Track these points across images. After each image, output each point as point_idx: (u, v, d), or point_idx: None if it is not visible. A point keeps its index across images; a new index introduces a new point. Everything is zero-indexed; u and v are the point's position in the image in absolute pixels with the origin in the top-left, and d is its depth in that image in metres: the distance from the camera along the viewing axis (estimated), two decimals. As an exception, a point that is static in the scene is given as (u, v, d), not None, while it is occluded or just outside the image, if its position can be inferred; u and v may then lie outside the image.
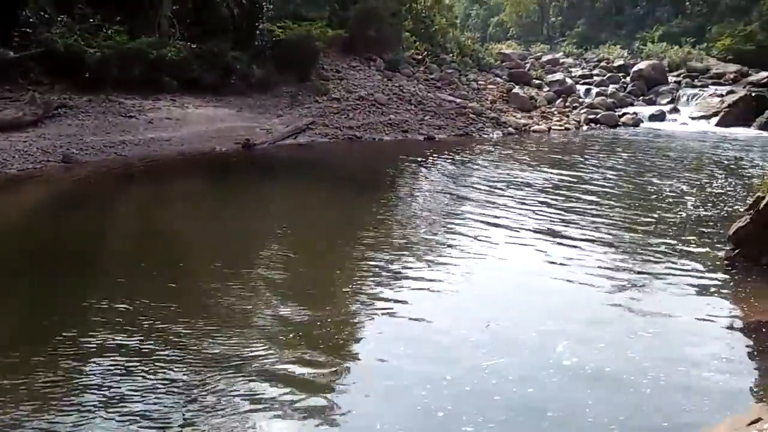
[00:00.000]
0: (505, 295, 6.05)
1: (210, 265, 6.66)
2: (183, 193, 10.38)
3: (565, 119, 20.41)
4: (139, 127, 13.27)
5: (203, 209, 9.42)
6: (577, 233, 7.92)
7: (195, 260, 6.97)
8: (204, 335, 4.91)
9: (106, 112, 13.66)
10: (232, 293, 5.76)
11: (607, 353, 4.78)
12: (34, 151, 10.91)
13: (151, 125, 13.53)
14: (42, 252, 7.03)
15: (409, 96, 19.06)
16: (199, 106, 15.48)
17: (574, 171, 12.54)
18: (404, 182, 11.80)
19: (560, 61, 32.94)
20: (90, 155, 11.40)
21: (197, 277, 6.31)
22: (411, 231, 8.10)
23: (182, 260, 6.94)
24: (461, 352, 4.79)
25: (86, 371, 4.38)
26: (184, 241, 7.81)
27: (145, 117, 13.93)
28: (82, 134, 12.25)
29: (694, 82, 26.55)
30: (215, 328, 5.04)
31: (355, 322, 5.36)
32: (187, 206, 9.61)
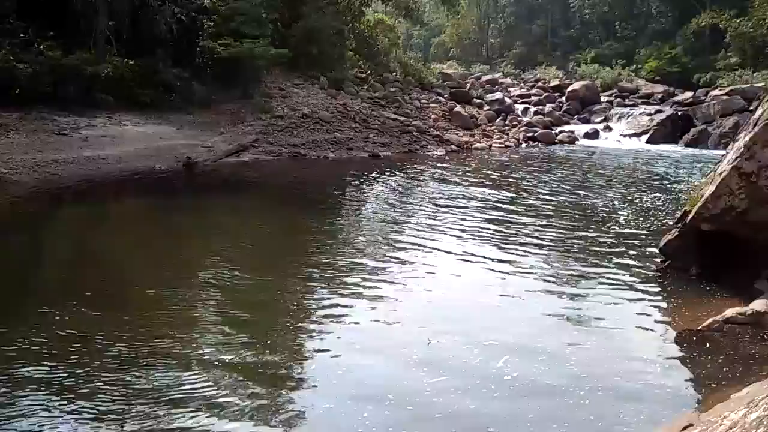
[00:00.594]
0: (448, 312, 6.05)
1: (146, 290, 6.39)
2: (120, 214, 10.05)
3: (505, 137, 20.99)
4: (73, 145, 12.78)
5: (141, 230, 9.11)
6: (517, 248, 8.11)
7: (131, 285, 6.68)
8: (139, 364, 4.72)
9: (38, 129, 13.10)
10: (170, 318, 5.57)
11: (546, 366, 4.87)
12: (-42, 171, 10.35)
13: (86, 143, 13.06)
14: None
15: (353, 114, 19.18)
16: (138, 124, 15.08)
17: (514, 187, 12.89)
18: (349, 200, 11.82)
19: (499, 81, 33.94)
20: (20, 174, 10.88)
21: (132, 304, 6.05)
22: (354, 249, 8.08)
23: (117, 286, 6.62)
24: (403, 372, 4.76)
25: (7, 407, 4.12)
26: (121, 265, 7.49)
27: (80, 135, 13.44)
28: (12, 153, 11.68)
29: (625, 101, 27.90)
30: (152, 357, 4.83)
31: (297, 345, 5.26)
32: (124, 228, 9.29)
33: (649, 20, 41.17)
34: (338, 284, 6.61)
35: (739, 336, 5.26)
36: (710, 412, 3.92)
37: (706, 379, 4.71)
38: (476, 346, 5.16)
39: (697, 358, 5.08)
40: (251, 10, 18.57)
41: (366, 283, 6.64)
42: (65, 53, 14.68)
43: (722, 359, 4.93)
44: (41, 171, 11.25)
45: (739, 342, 5.18)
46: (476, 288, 6.76)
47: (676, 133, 22.14)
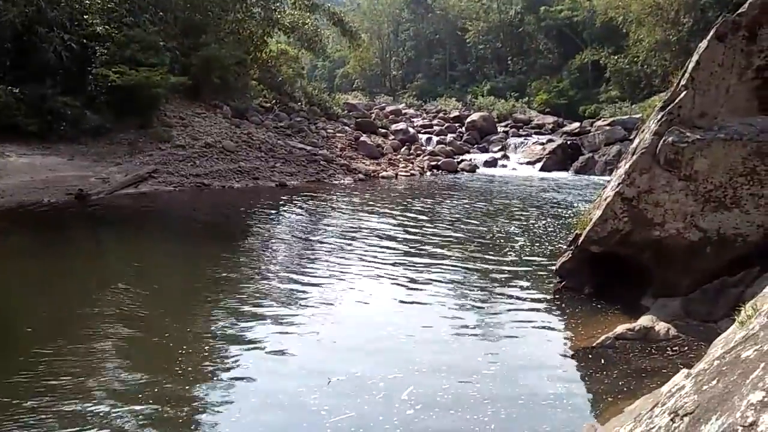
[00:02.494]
0: (352, 346, 5.95)
1: (33, 335, 5.93)
2: (3, 252, 9.24)
3: (410, 166, 21.52)
4: (-54, 179, 11.71)
5: (26, 267, 8.37)
6: (420, 277, 8.24)
7: (16, 325, 6.17)
8: (24, 421, 4.34)
9: None
10: (58, 369, 5.13)
11: (450, 395, 4.89)
12: None
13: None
14: None
15: (258, 143, 18.95)
16: (23, 155, 14.06)
17: (420, 215, 13.20)
18: (255, 231, 11.58)
19: (403, 111, 34.87)
20: None
21: (13, 352, 5.59)
22: (258, 283, 7.88)
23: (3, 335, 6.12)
24: (302, 413, 4.59)
25: None
26: (2, 310, 6.90)
27: (-46, 167, 12.34)
28: None
29: (519, 131, 29.55)
30: (40, 411, 4.47)
31: (195, 391, 4.92)
32: (6, 265, 8.55)
33: (538, 56, 44.13)
34: (242, 318, 6.42)
35: (629, 351, 5.64)
36: (606, 426, 4.16)
37: (602, 394, 4.98)
38: (381, 380, 5.07)
39: (593, 373, 5.37)
40: (147, 38, 18.01)
41: (269, 316, 6.49)
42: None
43: (616, 374, 5.25)
44: None
45: (630, 356, 5.55)
46: (380, 317, 6.79)
47: (567, 160, 23.69)
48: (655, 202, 6.61)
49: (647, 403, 3.66)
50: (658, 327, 5.92)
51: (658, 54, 31.17)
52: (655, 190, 6.59)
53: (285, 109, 24.63)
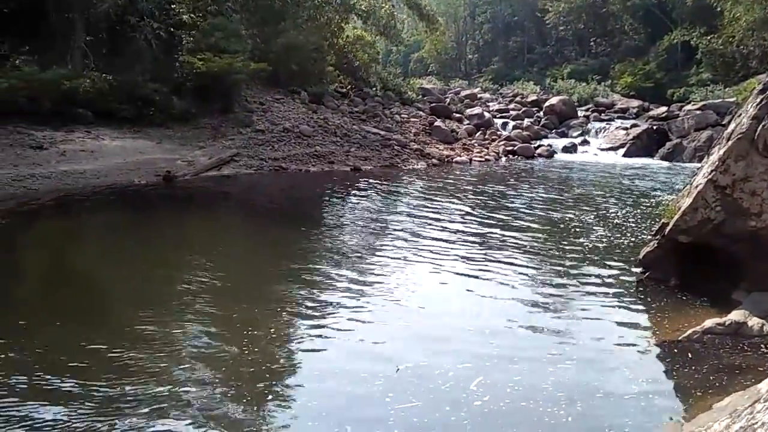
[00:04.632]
0: (421, 334, 5.88)
1: (124, 305, 6.36)
2: (98, 228, 9.90)
3: (485, 151, 21.18)
4: (50, 160, 12.60)
5: (120, 244, 8.97)
6: (495, 264, 8.11)
7: (110, 300, 6.62)
8: (118, 377, 4.66)
9: (13, 144, 12.90)
10: (152, 332, 5.53)
11: (522, 387, 4.78)
12: (-69, 187, 10.13)
13: (63, 157, 12.89)
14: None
15: (334, 128, 19.22)
16: (116, 138, 14.93)
17: (494, 201, 13.00)
18: (329, 214, 11.80)
19: (478, 95, 34.29)
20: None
21: (111, 318, 6.01)
22: (334, 264, 8.03)
23: (96, 300, 6.58)
24: (368, 399, 4.60)
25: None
26: (99, 279, 7.41)
27: (57, 149, 13.26)
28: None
29: (601, 116, 28.39)
30: (136, 370, 4.78)
31: (264, 369, 5.01)
32: (104, 241, 9.17)
33: (623, 37, 42.06)
34: (314, 301, 6.54)
35: (719, 346, 5.35)
36: (693, 422, 3.98)
37: (689, 389, 4.76)
38: (449, 369, 5.00)
39: (679, 368, 5.14)
40: (230, 26, 18.59)
41: (342, 300, 6.56)
42: (42, 68, 14.52)
43: (704, 369, 5.00)
44: (17, 186, 11.06)
45: (720, 352, 5.26)
46: (453, 304, 6.73)
47: (652, 146, 22.55)
48: (752, 191, 6.20)
49: (742, 399, 3.47)
50: (751, 322, 5.58)
51: (756, 33, 28.95)
52: (753, 178, 6.18)
53: (360, 94, 24.81)
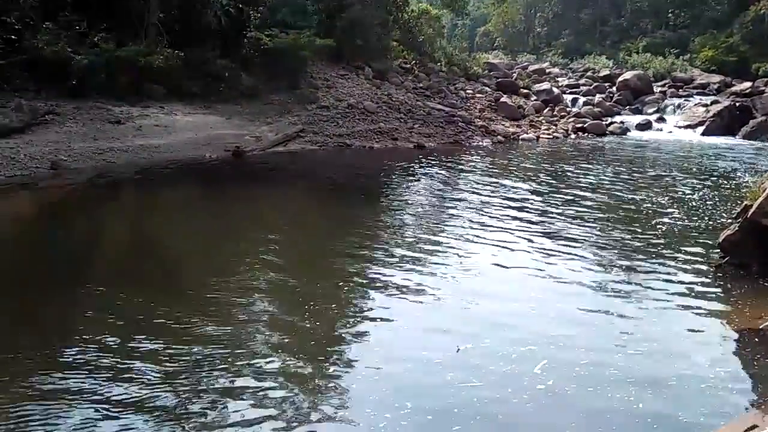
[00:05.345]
0: (483, 315, 5.77)
1: (195, 275, 6.60)
2: (173, 201, 10.30)
3: (553, 128, 20.59)
4: (127, 134, 13.16)
5: (194, 217, 9.32)
6: (563, 245, 7.88)
7: (185, 270, 6.89)
8: (195, 344, 4.85)
9: (93, 119, 13.53)
10: (223, 300, 5.72)
11: (589, 372, 4.63)
12: (21, 158, 10.77)
13: (139, 132, 13.43)
14: (28, 261, 6.92)
15: (398, 104, 19.13)
16: (188, 114, 15.40)
17: (563, 180, 12.63)
18: (395, 190, 11.80)
19: (547, 70, 33.26)
20: (78, 162, 11.27)
21: (186, 287, 6.25)
22: (397, 241, 8.03)
23: (171, 270, 6.86)
24: (428, 378, 4.56)
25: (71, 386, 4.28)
26: (171, 250, 7.72)
27: (133, 124, 13.82)
28: (70, 141, 12.11)
29: (678, 92, 26.98)
30: (200, 339, 4.97)
31: (325, 346, 5.06)
32: (178, 214, 9.53)
33: (704, 8, 39.57)
34: (376, 278, 6.56)
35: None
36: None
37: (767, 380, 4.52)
38: (512, 352, 4.90)
39: (759, 358, 4.87)
40: (296, 2, 18.72)
41: (404, 278, 6.53)
42: (118, 45, 15.11)
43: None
44: (98, 158, 11.62)
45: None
46: (517, 286, 6.58)
47: (734, 124, 21.30)
48: None
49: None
50: (843, 314, 5.21)
51: None
52: None
53: (424, 69, 24.53)
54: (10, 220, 8.71)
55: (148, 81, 15.48)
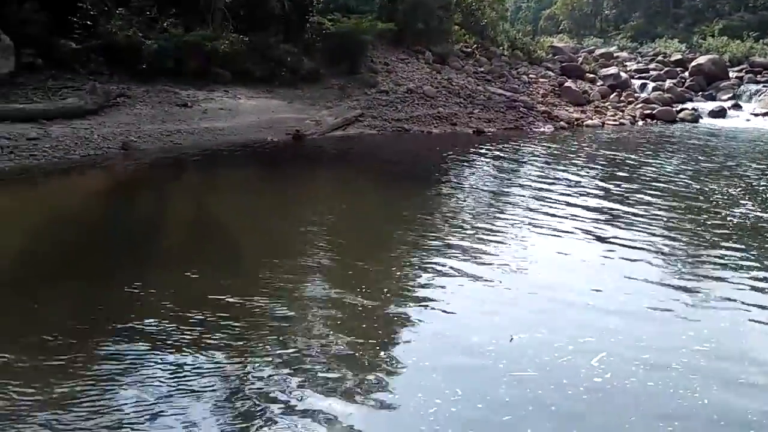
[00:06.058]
0: (538, 305, 5.63)
1: (258, 253, 6.79)
2: (236, 181, 10.59)
3: (619, 114, 19.88)
4: (193, 117, 13.58)
5: (254, 198, 9.58)
6: (628, 237, 7.59)
7: (244, 248, 7.09)
8: (258, 320, 5.00)
9: (162, 102, 14.04)
10: (280, 280, 5.86)
11: (650, 367, 4.45)
12: (95, 138, 11.31)
13: (205, 115, 13.84)
14: (98, 235, 7.31)
15: (458, 89, 18.90)
16: (251, 98, 15.74)
17: (628, 169, 12.20)
18: (452, 175, 11.70)
19: (614, 54, 32.06)
20: (147, 143, 11.74)
21: (244, 265, 6.43)
22: (453, 227, 7.95)
23: (233, 249, 7.07)
24: (479, 363, 4.51)
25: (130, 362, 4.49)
26: (236, 229, 7.95)
27: (199, 107, 14.25)
28: (140, 123, 12.62)
29: (756, 77, 25.44)
30: (260, 316, 5.11)
31: (379, 329, 5.07)
32: (239, 194, 9.80)
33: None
34: (431, 263, 6.52)
35: None
36: None
37: None
38: (568, 343, 4.76)
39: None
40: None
41: (458, 265, 6.46)
42: (186, 30, 15.55)
43: None
44: (165, 140, 12.06)
45: None
46: (576, 277, 6.37)
47: (819, 113, 19.94)
48: None
49: None
50: None
51: None
52: None
53: (486, 53, 24.11)
54: (84, 196, 9.19)
55: (214, 65, 15.90)
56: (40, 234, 7.22)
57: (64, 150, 10.60)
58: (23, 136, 10.70)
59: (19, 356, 4.35)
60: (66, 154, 10.49)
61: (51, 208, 8.38)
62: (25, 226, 7.50)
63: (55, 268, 6.19)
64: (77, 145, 10.88)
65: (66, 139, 10.98)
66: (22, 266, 6.21)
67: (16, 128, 10.99)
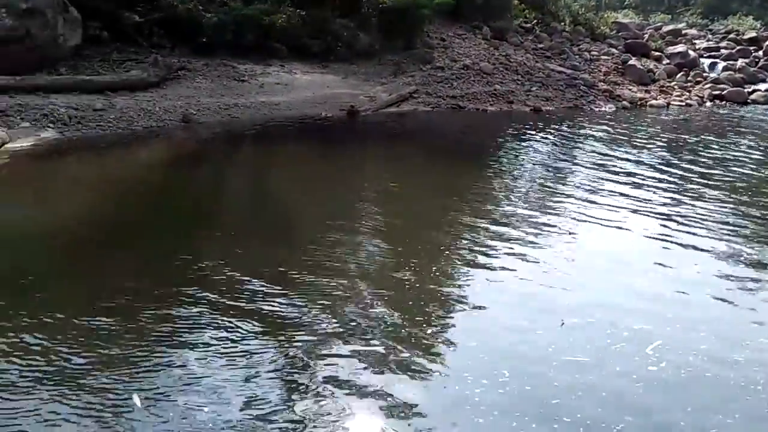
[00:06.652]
0: (593, 290, 5.50)
1: (311, 226, 6.91)
2: (292, 156, 10.75)
3: (686, 94, 19.00)
4: (251, 91, 13.78)
5: (307, 173, 9.67)
6: (689, 223, 7.27)
7: (297, 221, 7.21)
8: (310, 292, 5.09)
9: (221, 75, 14.29)
10: (332, 254, 5.95)
11: (708, 357, 4.30)
12: (156, 111, 11.65)
13: (262, 89, 14.01)
14: (158, 205, 7.59)
15: (516, 66, 18.43)
16: (306, 73, 15.82)
17: (692, 152, 11.68)
18: (507, 154, 11.50)
19: (683, 32, 30.41)
20: (206, 116, 12.01)
21: (297, 237, 6.55)
22: (506, 208, 7.83)
23: (287, 221, 7.21)
24: (529, 347, 4.44)
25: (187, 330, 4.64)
26: (290, 202, 8.09)
27: (256, 81, 14.44)
28: (199, 96, 12.90)
29: (841, 57, 23.72)
30: (314, 289, 5.20)
31: (427, 311, 5.01)
32: (294, 168, 9.95)
33: None
34: (481, 244, 6.45)
35: None
36: None
37: None
38: (623, 330, 4.66)
39: None
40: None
41: (510, 246, 6.35)
42: (245, 4, 15.71)
43: None
44: (224, 113, 12.30)
45: None
46: (629, 264, 6.17)
47: None
48: None
49: None
50: None
51: None
52: None
53: (546, 29, 23.34)
54: (147, 167, 9.53)
55: (271, 40, 16.02)
56: (105, 200, 7.58)
57: (128, 121, 10.98)
58: (90, 107, 11.13)
59: (78, 315, 4.58)
60: (129, 125, 10.87)
61: (116, 177, 8.75)
62: (92, 193, 7.88)
63: (118, 234, 6.49)
64: (140, 117, 11.24)
65: (130, 111, 11.36)
66: (89, 229, 6.53)
67: (84, 99, 11.43)
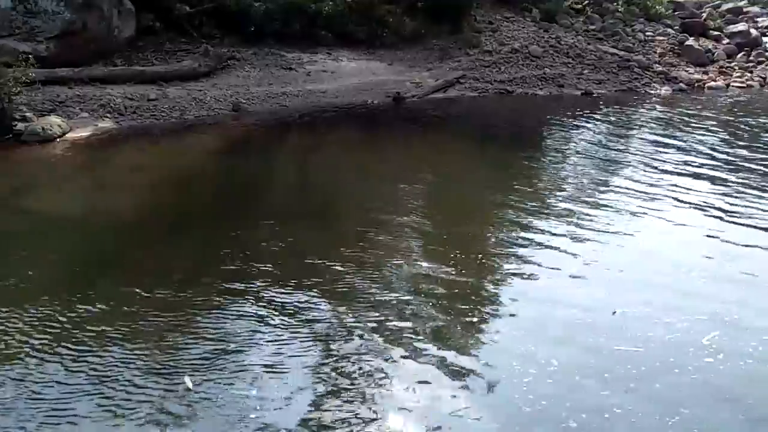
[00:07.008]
0: (645, 281, 5.35)
1: (355, 213, 7.06)
2: (339, 143, 10.84)
3: (747, 75, 18.13)
4: (298, 79, 13.92)
5: (354, 160, 9.77)
6: (746, 213, 7.01)
7: (342, 208, 7.35)
8: (345, 280, 5.18)
9: (269, 64, 14.48)
10: (375, 241, 6.05)
11: (764, 349, 4.21)
12: (208, 100, 11.92)
13: (309, 77, 14.13)
14: (209, 192, 7.86)
15: (566, 48, 17.95)
16: (352, 60, 15.83)
17: (757, 139, 11.16)
18: (555, 141, 11.28)
19: (744, 10, 28.92)
20: (255, 105, 12.22)
21: (341, 224, 6.72)
22: (555, 196, 7.71)
23: (335, 208, 7.34)
24: (582, 336, 4.41)
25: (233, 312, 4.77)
26: (338, 189, 8.23)
27: (303, 69, 14.56)
28: (248, 85, 13.13)
29: None
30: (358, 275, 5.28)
31: (470, 301, 5.02)
32: (344, 156, 10.05)
33: None
34: (529, 231, 6.39)
35: None
36: None
37: None
38: (676, 320, 4.56)
39: None
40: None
41: (559, 234, 6.29)
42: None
43: None
44: (272, 102, 12.49)
45: None
46: (681, 252, 6.00)
47: None
48: None
49: None
50: None
51: None
52: None
53: (598, 10, 22.64)
54: (199, 156, 9.81)
55: (318, 27, 16.10)
56: (162, 186, 7.91)
57: (180, 111, 11.29)
58: (144, 97, 11.49)
59: (140, 288, 4.86)
60: (182, 115, 11.18)
61: (171, 165, 9.11)
62: (149, 179, 8.22)
63: (174, 217, 6.79)
64: (192, 107, 11.53)
65: (182, 101, 11.67)
66: (148, 215, 6.86)
67: (138, 90, 11.81)
